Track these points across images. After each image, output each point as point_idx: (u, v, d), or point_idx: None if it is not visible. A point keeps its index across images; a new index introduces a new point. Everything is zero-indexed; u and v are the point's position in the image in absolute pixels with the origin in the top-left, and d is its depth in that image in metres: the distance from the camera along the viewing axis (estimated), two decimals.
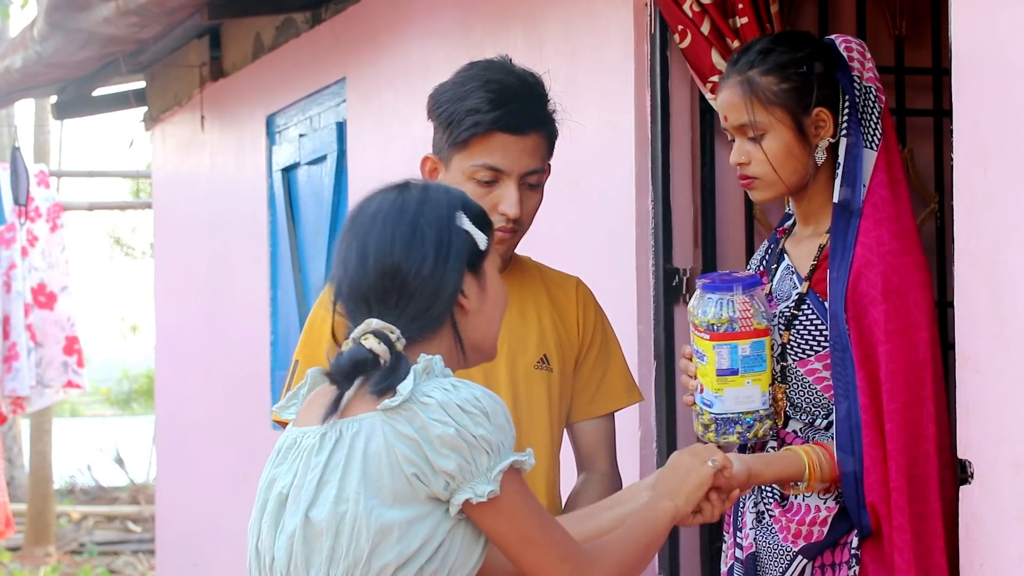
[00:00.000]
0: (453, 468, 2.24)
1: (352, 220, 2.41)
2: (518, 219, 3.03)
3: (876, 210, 2.98)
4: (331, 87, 6.14)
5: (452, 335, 2.39)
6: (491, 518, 2.29)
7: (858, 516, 2.96)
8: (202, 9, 6.30)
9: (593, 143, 4.21)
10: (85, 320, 12.22)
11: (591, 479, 3.16)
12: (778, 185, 3.07)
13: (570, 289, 3.21)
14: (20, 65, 7.53)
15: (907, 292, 2.94)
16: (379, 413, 2.27)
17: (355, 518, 2.25)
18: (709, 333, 2.98)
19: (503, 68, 3.08)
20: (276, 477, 2.36)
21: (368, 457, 2.25)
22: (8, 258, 9.74)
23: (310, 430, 2.33)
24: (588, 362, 3.17)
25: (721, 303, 2.99)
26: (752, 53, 3.08)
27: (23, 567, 12.39)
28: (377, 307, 2.34)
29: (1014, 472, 2.63)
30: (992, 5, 2.67)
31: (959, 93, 2.75)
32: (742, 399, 2.99)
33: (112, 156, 24.88)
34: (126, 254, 19.91)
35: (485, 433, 2.26)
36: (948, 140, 2.81)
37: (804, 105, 3.03)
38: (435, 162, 3.07)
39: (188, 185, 8.32)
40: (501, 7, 4.73)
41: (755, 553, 3.11)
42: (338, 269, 2.39)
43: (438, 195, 2.41)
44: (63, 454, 16.41)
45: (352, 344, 2.32)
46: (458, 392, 2.27)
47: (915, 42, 4.18)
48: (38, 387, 9.91)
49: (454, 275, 2.36)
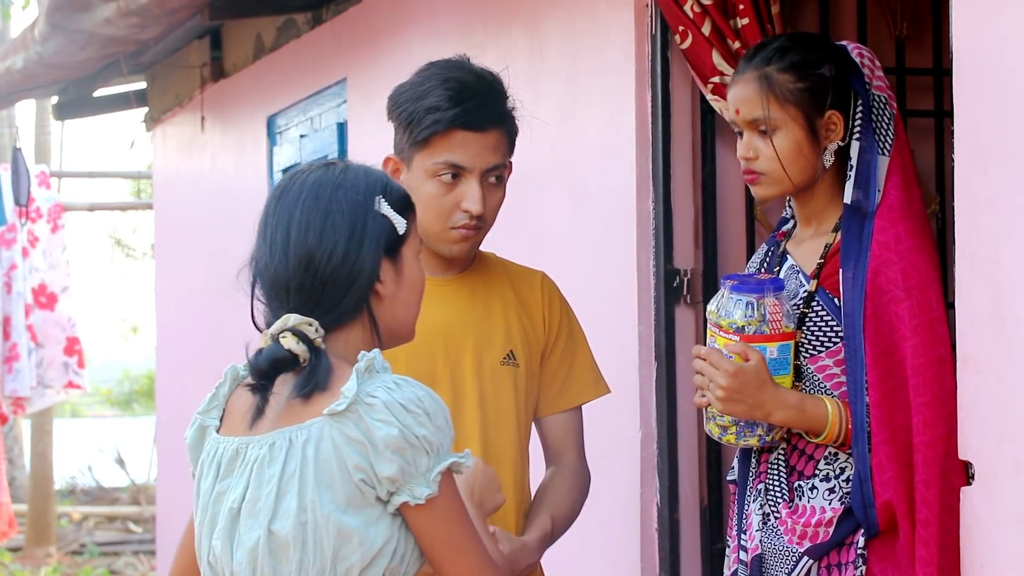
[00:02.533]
0: (395, 472, 2.22)
1: (277, 200, 2.36)
2: (481, 215, 3.04)
3: (891, 211, 3.01)
4: (332, 88, 6.14)
5: (369, 321, 2.34)
6: (425, 520, 2.26)
7: (864, 516, 2.97)
8: (203, 10, 6.30)
9: (594, 144, 4.21)
10: (86, 321, 12.22)
11: (559, 472, 3.18)
12: (783, 183, 3.08)
13: (535, 284, 3.22)
14: (21, 66, 7.53)
15: (927, 287, 2.98)
16: (326, 418, 2.23)
17: (316, 526, 2.22)
18: (739, 335, 2.98)
19: (461, 66, 3.10)
20: (224, 491, 2.31)
21: (319, 463, 2.23)
22: (9, 259, 9.74)
23: (255, 440, 2.29)
24: (554, 356, 3.18)
25: (752, 305, 3.00)
26: (770, 50, 3.10)
27: (24, 568, 12.39)
28: (295, 297, 2.30)
29: (1014, 473, 2.63)
30: (993, 6, 2.67)
31: (960, 94, 2.75)
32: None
33: (113, 157, 24.87)
34: (127, 255, 19.91)
35: (427, 434, 2.23)
36: (949, 141, 2.81)
37: (819, 106, 3.06)
38: (397, 162, 3.09)
39: (189, 186, 8.32)
40: (502, 8, 4.73)
41: (760, 555, 3.12)
42: (260, 250, 2.35)
43: (356, 178, 2.35)
44: (64, 455, 16.41)
45: (270, 341, 2.28)
46: (401, 391, 2.24)
47: (916, 43, 4.18)
48: (39, 388, 9.92)
49: (369, 262, 2.31)
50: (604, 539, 4.17)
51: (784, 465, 3.10)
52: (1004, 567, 2.66)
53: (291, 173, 2.40)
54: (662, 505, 3.94)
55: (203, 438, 2.40)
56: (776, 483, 3.11)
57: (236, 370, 2.39)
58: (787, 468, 3.10)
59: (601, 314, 4.13)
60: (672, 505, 3.93)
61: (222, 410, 2.39)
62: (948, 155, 2.82)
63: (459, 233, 3.05)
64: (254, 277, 2.36)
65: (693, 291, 3.95)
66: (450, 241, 3.06)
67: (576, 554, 4.28)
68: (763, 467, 3.13)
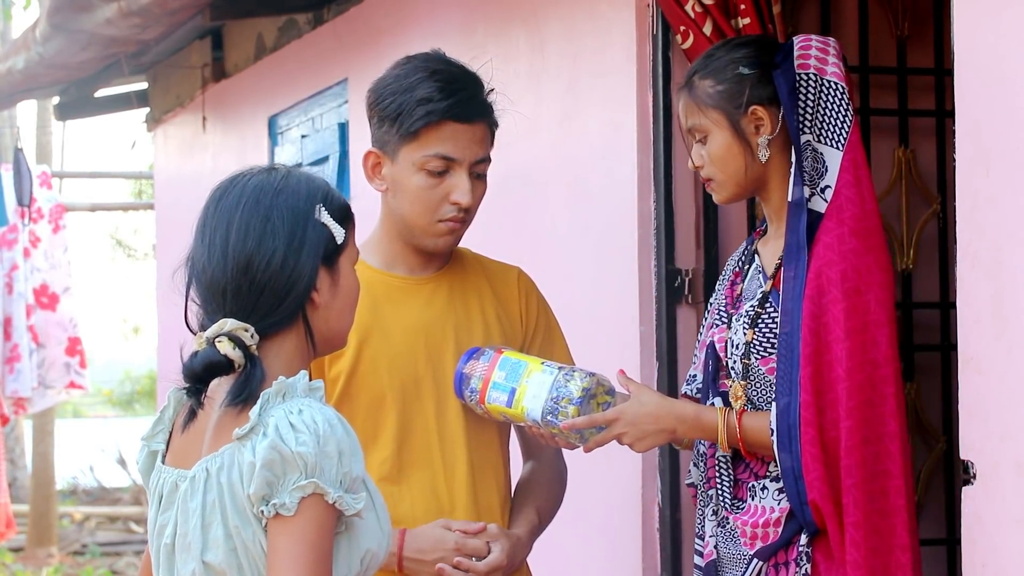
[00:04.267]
0: (258, 487, 2.15)
1: (217, 202, 2.32)
2: (469, 208, 3.04)
3: (840, 210, 3.02)
4: (333, 88, 6.14)
5: (303, 329, 2.30)
6: (274, 536, 2.15)
7: (801, 513, 2.98)
8: (204, 10, 6.30)
9: (595, 144, 4.21)
10: (87, 321, 12.21)
11: (538, 466, 3.22)
12: (728, 185, 3.13)
13: (511, 279, 3.23)
14: (22, 66, 7.54)
15: (867, 290, 2.97)
16: (235, 443, 2.20)
17: (246, 549, 2.19)
18: (484, 402, 3.06)
19: (443, 59, 3.10)
20: (164, 524, 2.29)
21: (232, 489, 2.19)
22: (10, 259, 9.74)
23: (185, 474, 2.26)
24: (532, 352, 3.19)
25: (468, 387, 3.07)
26: (699, 60, 3.18)
27: (26, 568, 12.39)
28: (231, 301, 2.26)
29: (1016, 473, 2.63)
30: (994, 6, 2.67)
31: (961, 94, 2.75)
32: (538, 391, 3.03)
33: (114, 157, 24.85)
34: (128, 255, 19.90)
35: (304, 452, 2.15)
36: (950, 141, 2.81)
37: (736, 105, 3.08)
38: (379, 156, 3.08)
39: (190, 186, 8.32)
40: (503, 8, 4.73)
41: (715, 561, 3.12)
42: (198, 252, 2.32)
43: (298, 185, 2.32)
44: (65, 455, 16.40)
45: (206, 345, 2.25)
46: (300, 415, 2.18)
47: (917, 42, 4.18)
48: (40, 388, 9.92)
49: (307, 269, 2.27)
50: (605, 539, 4.17)
51: (726, 468, 3.11)
52: (1006, 567, 2.66)
53: (232, 175, 2.36)
54: (663, 506, 3.94)
55: (153, 463, 2.37)
56: (723, 486, 3.11)
57: (180, 393, 2.34)
58: (731, 471, 3.11)
59: (602, 314, 4.13)
60: (673, 505, 3.92)
61: (168, 433, 2.36)
62: (950, 155, 2.82)
63: (446, 226, 3.05)
64: (190, 278, 2.33)
65: (694, 291, 3.95)
66: (436, 234, 3.06)
67: (577, 554, 4.28)
68: (711, 472, 3.14)
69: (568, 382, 3.03)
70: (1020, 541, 2.63)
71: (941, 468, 4.11)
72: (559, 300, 3.45)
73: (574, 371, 3.05)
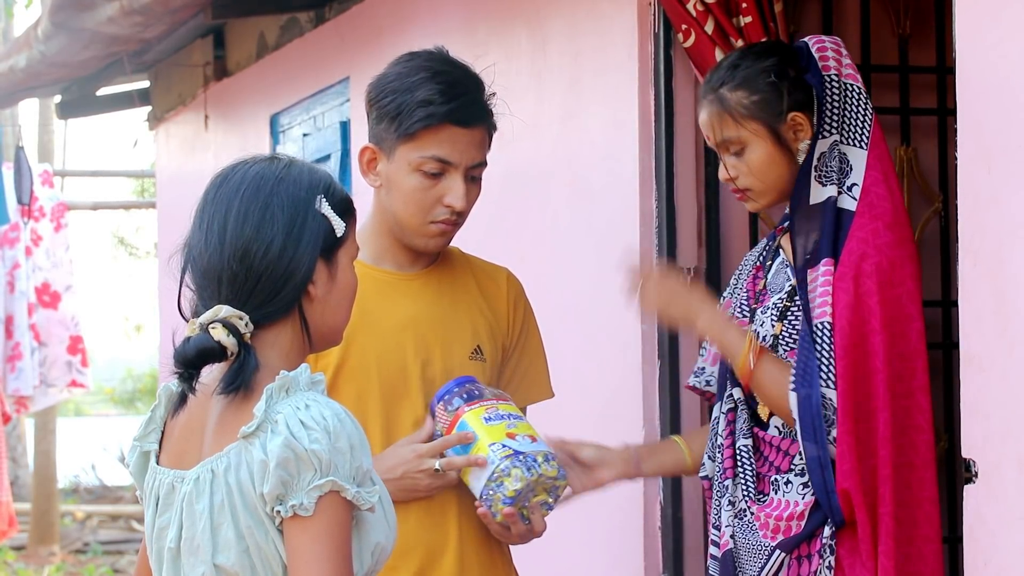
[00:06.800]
0: (274, 486, 2.12)
1: (217, 188, 2.30)
2: (462, 211, 3.04)
3: (871, 207, 3.05)
4: (335, 86, 6.15)
5: (299, 321, 2.26)
6: (293, 536, 2.12)
7: (828, 504, 2.99)
8: (206, 8, 6.30)
9: (597, 142, 4.21)
10: (89, 319, 12.22)
11: None
12: (770, 193, 3.15)
13: (500, 280, 3.23)
14: (24, 65, 7.54)
15: (901, 283, 3.01)
16: (242, 442, 2.16)
17: (259, 549, 2.16)
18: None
19: (447, 60, 3.09)
20: (164, 526, 2.25)
21: (242, 488, 2.15)
22: (12, 257, 9.74)
23: (186, 475, 2.22)
24: (515, 355, 3.20)
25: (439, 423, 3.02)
26: (722, 70, 3.17)
27: (27, 566, 12.40)
28: (227, 288, 2.22)
29: (1018, 471, 2.63)
30: (996, 4, 2.67)
31: (963, 92, 2.75)
32: (479, 473, 2.96)
33: (116, 156, 24.90)
34: (130, 253, 19.91)
35: (318, 449, 2.11)
36: (952, 139, 2.81)
37: (776, 113, 3.10)
38: (375, 152, 3.07)
39: (192, 184, 8.31)
40: (505, 6, 4.73)
41: (732, 551, 3.12)
42: (195, 238, 2.28)
43: (300, 175, 2.28)
44: (67, 453, 16.42)
45: (199, 330, 2.20)
46: (308, 411, 2.14)
47: (919, 41, 4.18)
48: (42, 386, 9.92)
49: (305, 260, 2.23)
50: (607, 537, 4.17)
51: (749, 460, 3.11)
52: (1007, 565, 2.66)
53: (233, 163, 2.33)
54: (665, 503, 3.94)
55: (146, 464, 2.32)
56: (746, 476, 3.11)
57: (171, 390, 2.30)
58: (753, 463, 3.11)
59: (604, 312, 4.13)
60: (675, 503, 3.93)
61: (160, 433, 2.32)
62: (951, 153, 2.82)
63: (438, 228, 3.05)
64: (185, 263, 2.30)
65: None
66: (427, 235, 3.06)
67: (579, 552, 4.28)
68: (728, 463, 3.14)
69: (504, 478, 2.93)
70: (1021, 539, 2.63)
71: (943, 466, 4.11)
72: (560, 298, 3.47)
73: (515, 465, 2.93)
